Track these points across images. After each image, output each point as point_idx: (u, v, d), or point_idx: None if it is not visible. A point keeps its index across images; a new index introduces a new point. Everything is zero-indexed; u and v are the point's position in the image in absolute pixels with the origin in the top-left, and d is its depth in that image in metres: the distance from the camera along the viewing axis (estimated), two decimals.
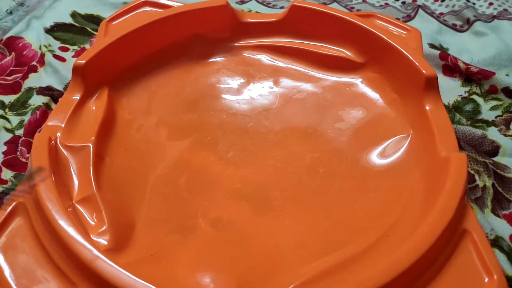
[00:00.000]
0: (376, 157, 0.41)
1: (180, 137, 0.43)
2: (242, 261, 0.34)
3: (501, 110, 0.48)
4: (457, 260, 0.31)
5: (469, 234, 0.32)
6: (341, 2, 0.61)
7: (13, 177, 0.42)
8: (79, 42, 0.55)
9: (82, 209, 0.34)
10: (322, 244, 0.35)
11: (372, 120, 0.43)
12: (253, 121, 0.44)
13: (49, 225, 0.31)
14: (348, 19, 0.46)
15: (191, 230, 0.36)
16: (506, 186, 0.41)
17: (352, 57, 0.47)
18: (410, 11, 0.60)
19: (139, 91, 0.46)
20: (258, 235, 0.36)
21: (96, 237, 0.33)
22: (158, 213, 0.37)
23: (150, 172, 0.40)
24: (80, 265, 0.30)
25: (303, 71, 0.48)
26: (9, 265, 0.31)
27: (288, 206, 0.38)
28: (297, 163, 0.41)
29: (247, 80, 0.48)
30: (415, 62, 0.41)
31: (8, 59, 0.53)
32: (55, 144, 0.37)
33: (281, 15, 0.49)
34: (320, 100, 0.46)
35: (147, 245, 0.35)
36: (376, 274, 0.29)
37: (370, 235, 0.35)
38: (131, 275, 0.29)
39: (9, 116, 0.47)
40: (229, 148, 0.42)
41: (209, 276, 0.33)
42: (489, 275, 0.30)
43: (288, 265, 0.34)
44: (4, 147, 0.44)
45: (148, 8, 0.50)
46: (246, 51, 0.49)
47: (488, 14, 0.58)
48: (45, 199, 0.32)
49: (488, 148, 0.45)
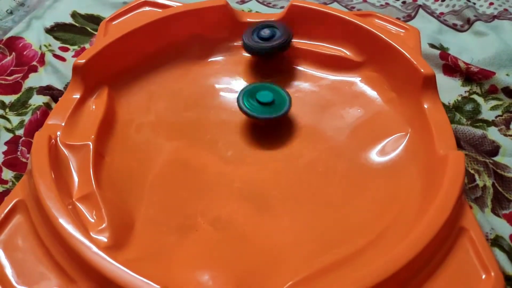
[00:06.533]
0: (374, 156, 0.41)
1: (179, 136, 0.43)
2: (241, 260, 0.35)
3: (501, 110, 0.48)
4: (455, 258, 0.31)
5: (467, 231, 0.32)
6: (341, 2, 0.62)
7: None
8: (79, 42, 0.55)
9: (82, 206, 0.35)
10: (320, 242, 0.35)
11: (371, 118, 0.43)
12: (253, 121, 0.44)
13: (49, 222, 0.31)
14: (347, 19, 0.46)
15: (190, 228, 0.36)
16: (506, 186, 0.41)
17: (350, 56, 0.47)
18: (411, 11, 0.60)
19: (138, 90, 0.46)
20: (257, 234, 0.36)
21: (95, 234, 0.33)
22: (157, 212, 0.37)
23: (149, 171, 0.40)
24: (79, 262, 0.30)
25: (302, 70, 0.48)
26: (9, 262, 0.31)
27: (287, 205, 0.38)
28: (296, 162, 0.41)
29: (246, 80, 0.48)
30: (413, 61, 0.41)
31: (8, 59, 0.53)
32: (55, 143, 0.37)
33: (280, 15, 0.49)
34: (319, 99, 0.46)
35: (147, 243, 0.35)
36: (373, 272, 0.29)
37: (368, 233, 0.35)
38: (130, 272, 0.29)
39: (9, 116, 0.47)
40: (228, 147, 0.42)
41: (208, 274, 0.33)
42: (486, 272, 0.30)
43: (287, 263, 0.34)
44: (5, 147, 0.44)
45: (148, 8, 0.50)
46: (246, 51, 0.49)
47: (489, 14, 0.59)
48: (45, 197, 0.32)
49: (488, 148, 0.45)
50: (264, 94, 0.43)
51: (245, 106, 0.42)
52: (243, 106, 0.42)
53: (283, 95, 0.43)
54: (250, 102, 0.42)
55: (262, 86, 0.44)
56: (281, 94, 0.44)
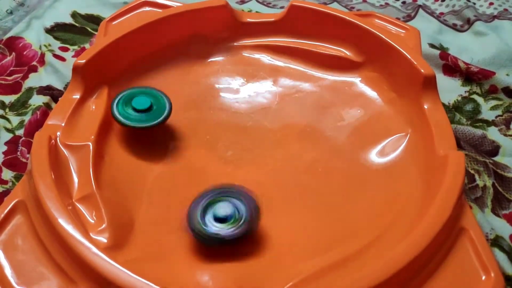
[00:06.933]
0: (374, 156, 0.41)
1: (179, 136, 0.43)
2: (241, 260, 0.35)
3: (501, 110, 0.48)
4: (455, 258, 0.31)
5: (467, 232, 0.32)
6: (341, 2, 0.62)
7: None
8: (79, 42, 0.55)
9: (82, 207, 0.35)
10: (320, 242, 0.35)
11: (371, 119, 0.43)
12: (252, 120, 0.44)
13: (49, 223, 0.31)
14: (347, 19, 0.46)
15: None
16: (506, 186, 0.41)
17: (350, 56, 0.47)
18: (411, 11, 0.60)
19: None
20: (257, 234, 0.36)
21: (95, 235, 0.33)
22: (157, 212, 0.37)
23: (149, 171, 0.40)
24: (79, 263, 0.30)
25: (302, 70, 0.48)
26: (9, 263, 0.31)
27: (287, 205, 0.38)
28: (296, 162, 0.41)
29: (246, 80, 0.48)
30: (413, 61, 0.41)
31: (8, 59, 0.53)
32: (55, 143, 0.37)
33: (280, 15, 0.49)
34: (319, 99, 0.46)
35: (146, 243, 0.35)
36: (373, 272, 0.29)
37: (368, 233, 0.35)
38: (130, 273, 0.29)
39: (9, 116, 0.47)
40: (228, 147, 0.42)
41: (208, 275, 0.33)
42: (486, 273, 0.30)
43: (287, 263, 0.34)
44: (5, 147, 0.44)
45: (148, 8, 0.50)
46: (246, 51, 0.49)
47: (489, 14, 0.59)
48: (45, 197, 0.32)
49: (488, 148, 0.45)
50: (140, 100, 0.40)
51: (118, 114, 0.39)
52: (116, 114, 0.39)
53: (162, 101, 0.41)
54: (125, 109, 0.40)
55: (140, 91, 0.41)
56: (159, 99, 0.41)
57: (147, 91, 0.42)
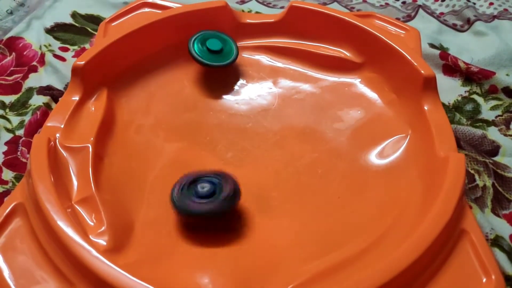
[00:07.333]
0: (374, 157, 0.41)
1: (179, 138, 0.43)
2: (241, 261, 0.35)
3: (501, 110, 0.48)
4: (455, 261, 0.31)
5: (467, 234, 0.32)
6: (341, 2, 0.61)
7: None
8: (79, 42, 0.55)
9: (81, 209, 0.34)
10: (320, 244, 0.35)
11: (371, 120, 0.43)
12: (252, 122, 0.44)
13: (48, 225, 0.31)
14: (346, 19, 0.46)
15: (190, 230, 0.36)
16: (506, 186, 0.41)
17: (350, 57, 0.47)
18: (410, 11, 0.60)
19: (138, 92, 0.46)
20: (257, 235, 0.36)
21: (95, 237, 0.33)
22: (157, 214, 0.37)
23: (149, 173, 0.40)
24: (78, 265, 0.30)
25: (302, 71, 0.48)
26: (8, 266, 0.31)
27: (287, 206, 0.38)
28: (296, 163, 0.41)
29: (246, 81, 0.48)
30: (413, 62, 0.41)
31: (8, 59, 0.53)
32: (54, 145, 0.37)
33: (279, 16, 0.49)
34: (318, 100, 0.46)
35: (146, 245, 0.35)
36: (374, 274, 0.29)
37: (369, 235, 0.35)
38: (130, 276, 0.29)
39: (9, 116, 0.47)
40: (228, 148, 0.42)
41: (208, 277, 0.33)
42: (487, 275, 0.30)
43: (287, 265, 0.34)
44: (5, 147, 0.44)
45: (147, 9, 0.50)
46: (245, 52, 0.49)
47: (489, 14, 0.58)
48: (44, 200, 0.32)
49: (488, 148, 0.45)
50: (214, 42, 0.45)
51: (196, 53, 0.45)
52: (194, 53, 0.45)
53: (230, 44, 0.46)
54: (200, 48, 0.44)
55: (212, 34, 0.46)
56: (228, 43, 0.46)
57: (217, 34, 0.47)
